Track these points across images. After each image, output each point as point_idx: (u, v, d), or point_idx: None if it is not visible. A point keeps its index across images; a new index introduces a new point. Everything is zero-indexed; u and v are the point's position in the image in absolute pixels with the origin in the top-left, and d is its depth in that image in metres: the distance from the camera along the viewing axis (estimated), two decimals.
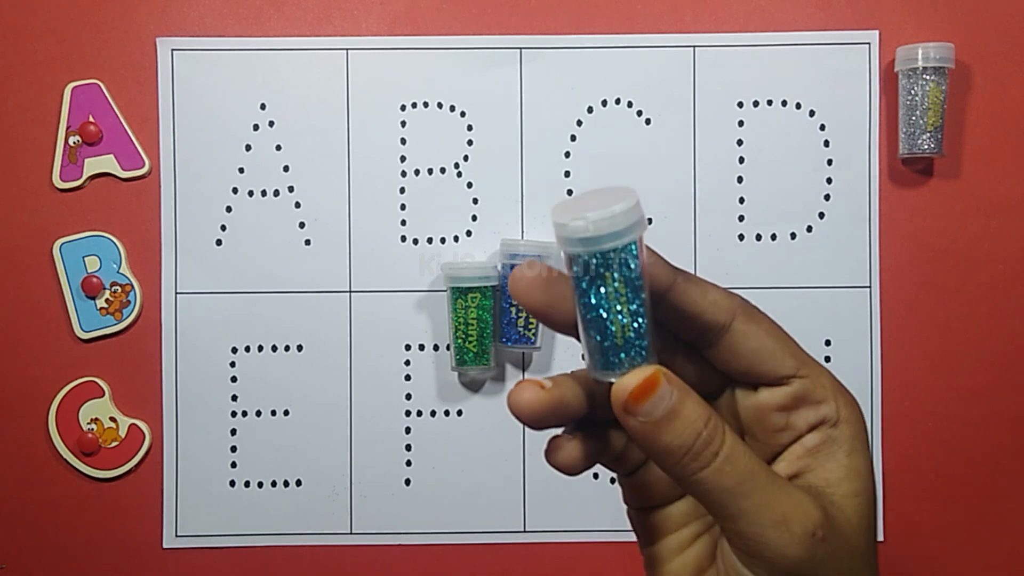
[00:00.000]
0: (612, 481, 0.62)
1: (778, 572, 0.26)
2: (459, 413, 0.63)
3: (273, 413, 0.63)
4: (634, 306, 0.24)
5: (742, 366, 0.28)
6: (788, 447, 0.29)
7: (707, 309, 0.27)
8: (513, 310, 0.60)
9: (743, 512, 0.26)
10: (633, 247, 0.24)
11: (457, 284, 0.60)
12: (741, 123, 0.63)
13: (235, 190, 0.63)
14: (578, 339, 0.26)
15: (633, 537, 0.30)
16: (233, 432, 0.63)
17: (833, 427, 0.28)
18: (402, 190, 0.63)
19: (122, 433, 0.62)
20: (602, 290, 0.24)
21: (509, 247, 0.61)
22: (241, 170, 0.63)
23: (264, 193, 0.63)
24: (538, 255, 0.60)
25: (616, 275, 0.24)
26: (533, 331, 0.61)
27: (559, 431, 0.28)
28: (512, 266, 0.60)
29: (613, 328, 0.24)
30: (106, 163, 0.63)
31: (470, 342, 0.60)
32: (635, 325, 0.24)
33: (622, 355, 0.25)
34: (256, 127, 0.63)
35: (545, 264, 0.27)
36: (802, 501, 0.26)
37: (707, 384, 0.29)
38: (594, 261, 0.24)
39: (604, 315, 0.24)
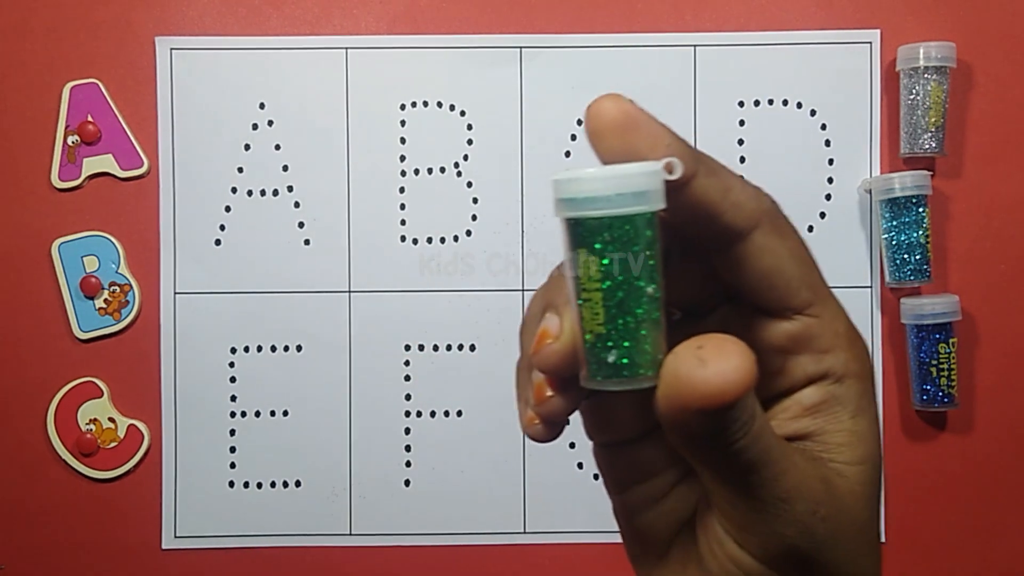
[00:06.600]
0: None
1: (772, 550, 0.23)
2: (459, 413, 0.63)
3: (272, 413, 0.63)
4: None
5: (748, 284, 0.23)
6: (781, 399, 0.24)
7: (726, 211, 0.22)
8: None
9: (748, 486, 0.22)
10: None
11: (577, 213, 0.22)
12: (742, 122, 0.63)
13: (234, 190, 0.63)
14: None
15: None
16: (232, 432, 0.63)
17: (837, 383, 0.23)
18: (402, 190, 0.63)
19: (121, 433, 0.62)
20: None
21: None
22: (240, 170, 0.63)
23: (263, 193, 0.63)
24: None
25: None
26: None
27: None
28: None
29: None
30: (105, 163, 0.62)
31: (616, 330, 0.22)
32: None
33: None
34: (255, 126, 0.63)
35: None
36: (807, 476, 0.22)
37: (704, 294, 0.25)
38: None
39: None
